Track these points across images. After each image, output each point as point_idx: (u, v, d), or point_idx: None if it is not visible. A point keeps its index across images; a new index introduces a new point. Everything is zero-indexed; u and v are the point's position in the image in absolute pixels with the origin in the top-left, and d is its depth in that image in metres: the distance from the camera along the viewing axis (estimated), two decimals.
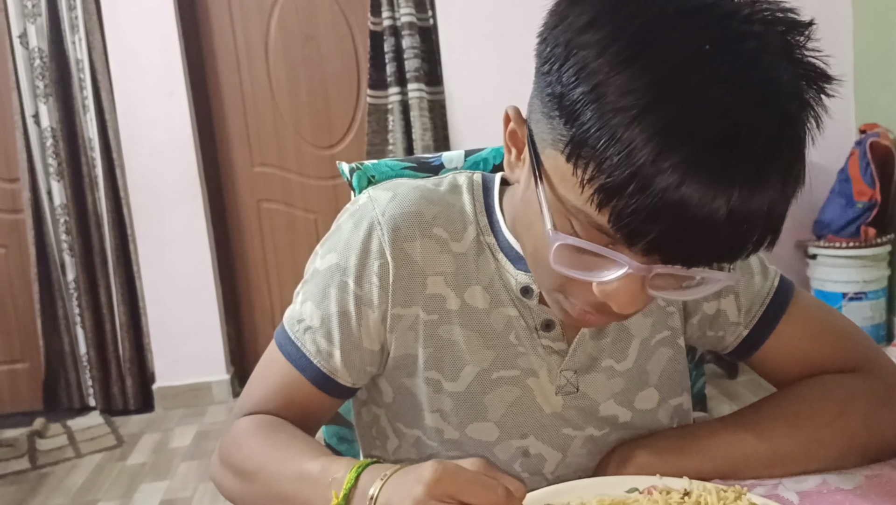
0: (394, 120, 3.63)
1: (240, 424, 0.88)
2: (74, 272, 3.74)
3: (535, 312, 0.86)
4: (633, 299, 0.67)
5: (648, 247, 0.63)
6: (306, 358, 0.86)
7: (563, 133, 0.63)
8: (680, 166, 0.58)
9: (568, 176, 0.64)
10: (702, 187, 0.59)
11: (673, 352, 0.92)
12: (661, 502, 0.67)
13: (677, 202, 0.59)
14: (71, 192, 3.69)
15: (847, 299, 3.42)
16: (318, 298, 0.87)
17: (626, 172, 0.59)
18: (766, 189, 0.62)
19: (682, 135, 0.59)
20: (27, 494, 3.00)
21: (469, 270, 0.86)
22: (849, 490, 0.76)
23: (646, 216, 0.60)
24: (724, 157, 0.59)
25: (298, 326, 0.88)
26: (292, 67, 3.86)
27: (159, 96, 3.67)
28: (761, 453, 0.81)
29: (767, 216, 0.63)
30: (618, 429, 0.90)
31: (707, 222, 0.60)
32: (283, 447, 0.82)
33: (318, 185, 3.91)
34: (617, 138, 0.59)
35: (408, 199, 0.86)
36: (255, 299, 4.02)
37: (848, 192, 3.50)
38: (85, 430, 3.61)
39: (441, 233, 0.86)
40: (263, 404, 0.89)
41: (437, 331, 0.86)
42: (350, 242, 0.86)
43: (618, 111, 0.59)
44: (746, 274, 0.91)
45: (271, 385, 0.89)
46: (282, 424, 0.86)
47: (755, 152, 0.61)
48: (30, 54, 3.61)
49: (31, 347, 3.88)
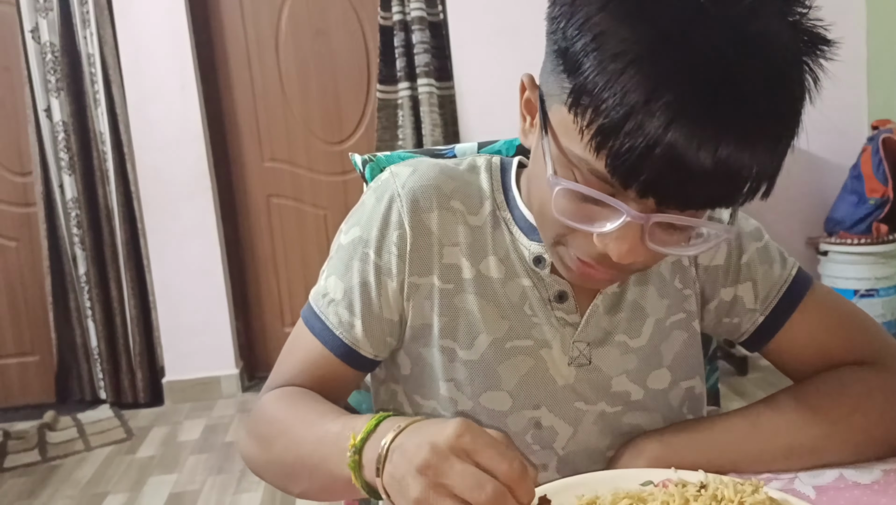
0: (403, 115, 3.63)
1: (266, 398, 0.89)
2: (86, 266, 3.75)
3: (548, 284, 0.87)
4: (632, 249, 0.69)
5: (642, 189, 0.65)
6: (329, 330, 0.88)
7: (566, 85, 0.66)
8: (670, 108, 0.61)
9: (570, 126, 0.67)
10: (690, 131, 0.61)
11: (687, 335, 0.93)
12: (677, 496, 0.67)
13: (668, 144, 0.61)
14: (82, 186, 3.70)
15: (859, 296, 3.41)
16: (342, 271, 0.89)
17: (620, 113, 0.62)
18: (756, 141, 0.64)
19: (675, 79, 0.61)
20: (37, 486, 3.01)
21: (485, 241, 0.88)
22: (866, 485, 0.75)
23: (638, 157, 0.63)
24: (714, 103, 0.62)
25: (323, 300, 0.89)
26: (303, 62, 3.85)
27: (170, 91, 3.68)
28: (777, 447, 0.81)
29: (758, 167, 0.65)
30: (630, 408, 0.90)
31: (696, 167, 0.62)
32: (305, 411, 0.83)
33: (328, 180, 3.91)
34: (613, 82, 0.62)
35: (428, 174, 0.89)
36: (265, 294, 4.02)
37: (860, 189, 3.48)
38: (95, 423, 3.62)
39: (458, 206, 0.89)
40: (290, 379, 0.90)
41: (453, 300, 0.87)
42: (372, 215, 0.88)
43: (615, 57, 0.62)
44: (765, 263, 0.92)
45: (297, 360, 0.91)
46: (305, 393, 0.87)
47: (747, 102, 0.62)
48: (41, 49, 3.61)
49: (42, 339, 3.90)
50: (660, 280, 0.91)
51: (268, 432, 0.86)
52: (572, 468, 0.89)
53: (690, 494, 0.67)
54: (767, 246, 0.93)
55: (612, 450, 0.89)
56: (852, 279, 3.43)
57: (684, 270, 0.92)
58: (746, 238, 0.92)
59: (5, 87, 3.78)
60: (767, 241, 0.93)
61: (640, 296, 0.90)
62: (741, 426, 0.83)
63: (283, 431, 0.83)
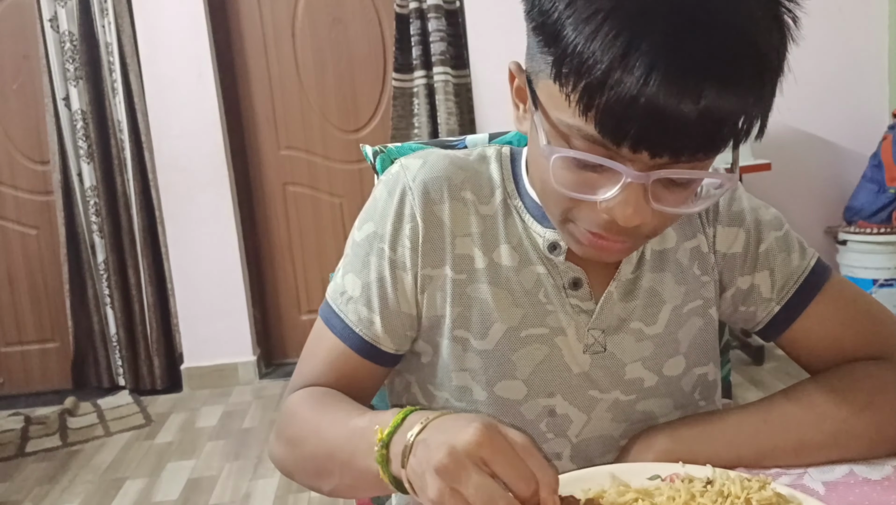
0: (419, 103, 3.62)
1: (291, 399, 0.89)
2: (104, 253, 3.78)
3: (562, 271, 0.87)
4: (636, 211, 0.69)
5: (634, 143, 0.65)
6: (350, 329, 0.88)
7: (549, 57, 0.68)
8: (647, 58, 0.62)
9: (558, 96, 0.68)
10: (669, 81, 0.62)
11: (703, 322, 0.92)
12: (683, 491, 0.67)
13: (650, 95, 0.62)
14: (100, 175, 3.73)
15: (877, 286, 3.38)
16: (358, 267, 0.89)
17: (601, 69, 0.63)
18: (738, 84, 0.64)
19: (649, 28, 0.62)
20: (57, 470, 3.05)
21: (497, 230, 0.88)
22: (876, 481, 0.75)
23: (624, 111, 0.64)
24: (690, 51, 0.62)
25: (341, 298, 0.89)
26: (319, 51, 3.86)
27: (187, 79, 3.69)
28: (787, 443, 0.80)
29: (745, 109, 0.66)
30: (643, 395, 0.90)
31: (682, 116, 0.63)
32: (333, 410, 0.83)
33: (344, 168, 3.91)
34: (591, 41, 0.63)
35: (438, 165, 0.89)
36: (281, 281, 4.04)
37: (880, 178, 3.45)
38: (114, 409, 3.66)
39: (469, 196, 0.89)
40: (314, 379, 0.90)
41: (466, 290, 0.87)
42: (385, 210, 0.88)
43: (589, 18, 0.64)
44: (784, 251, 0.91)
45: (320, 360, 0.90)
46: (331, 392, 0.87)
47: (723, 47, 0.63)
48: (60, 38, 3.63)
49: (61, 326, 3.94)
50: (677, 267, 0.90)
51: (296, 433, 0.86)
52: (585, 455, 0.89)
53: (696, 489, 0.67)
54: (787, 235, 0.92)
55: (625, 438, 0.89)
56: (871, 269, 3.40)
57: (703, 256, 0.91)
58: (766, 227, 0.91)
59: (24, 75, 3.81)
60: (787, 230, 0.93)
61: (657, 282, 0.90)
62: (751, 421, 0.83)
63: (311, 431, 0.83)
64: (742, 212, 0.92)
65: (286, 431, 0.89)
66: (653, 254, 0.90)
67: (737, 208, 0.92)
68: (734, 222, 0.91)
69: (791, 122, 3.66)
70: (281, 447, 0.89)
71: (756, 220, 0.91)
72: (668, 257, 0.90)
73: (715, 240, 0.92)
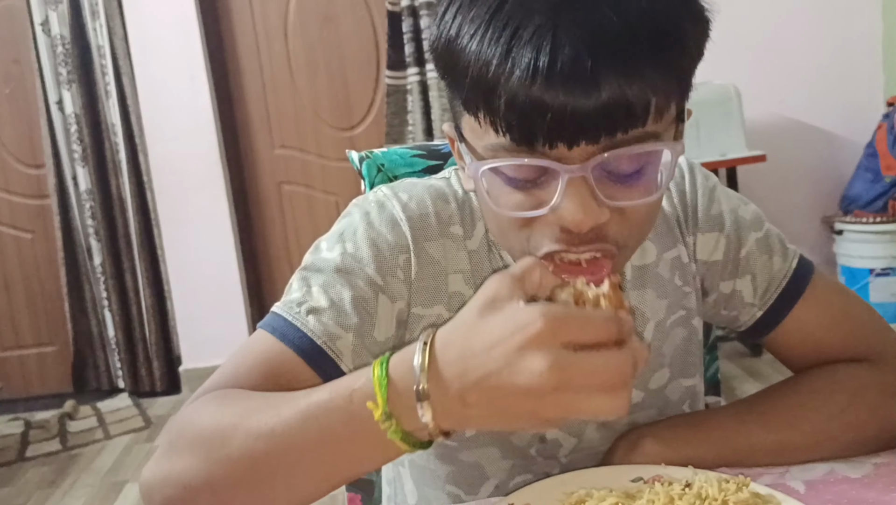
0: (413, 101, 3.62)
1: (195, 403, 0.72)
2: (101, 256, 3.79)
3: None
4: (587, 211, 0.65)
5: (547, 137, 0.64)
6: (307, 337, 0.77)
7: (458, 90, 0.69)
8: (529, 50, 0.61)
9: (474, 126, 0.69)
10: (560, 73, 0.61)
11: (687, 332, 0.92)
12: (662, 494, 0.67)
13: (543, 91, 0.61)
14: (95, 178, 3.73)
15: (874, 275, 3.38)
16: (327, 283, 0.81)
17: (492, 73, 0.63)
18: (640, 72, 0.62)
19: (529, 17, 0.61)
20: (58, 474, 3.06)
21: (483, 267, 0.86)
22: (856, 479, 0.75)
23: (526, 108, 0.62)
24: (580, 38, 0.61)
25: (299, 308, 0.79)
26: (311, 49, 3.85)
27: (180, 80, 3.69)
28: (768, 444, 0.81)
29: (656, 92, 0.64)
30: (631, 411, 0.89)
31: (580, 109, 0.62)
32: (267, 397, 0.68)
33: (338, 166, 3.91)
34: (478, 50, 0.63)
35: (425, 200, 0.86)
36: (278, 281, 4.04)
37: (875, 167, 3.45)
38: (114, 411, 3.67)
39: (457, 230, 0.86)
40: (235, 380, 0.75)
41: None
42: (368, 234, 0.83)
43: (473, 34, 0.64)
44: (765, 254, 0.90)
45: (249, 362, 0.77)
46: (256, 392, 0.72)
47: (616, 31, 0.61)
48: (52, 41, 3.64)
49: (59, 330, 3.95)
50: (657, 281, 0.90)
51: (212, 433, 0.66)
52: None
53: (675, 492, 0.67)
54: (768, 235, 0.91)
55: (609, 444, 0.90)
56: (868, 258, 3.40)
57: (684, 266, 0.91)
58: (746, 229, 0.91)
59: (17, 80, 3.81)
60: (768, 230, 0.92)
61: (639, 301, 0.89)
62: (732, 422, 0.83)
63: (238, 423, 0.65)
64: (721, 214, 0.91)
65: (188, 434, 0.69)
66: (633, 271, 0.89)
67: (715, 211, 0.91)
68: (714, 227, 0.91)
69: (785, 112, 3.66)
70: (175, 460, 0.68)
71: (736, 223, 0.91)
72: (648, 272, 0.90)
73: (695, 248, 0.91)
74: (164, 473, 0.68)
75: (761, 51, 3.55)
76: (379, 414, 0.57)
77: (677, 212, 0.91)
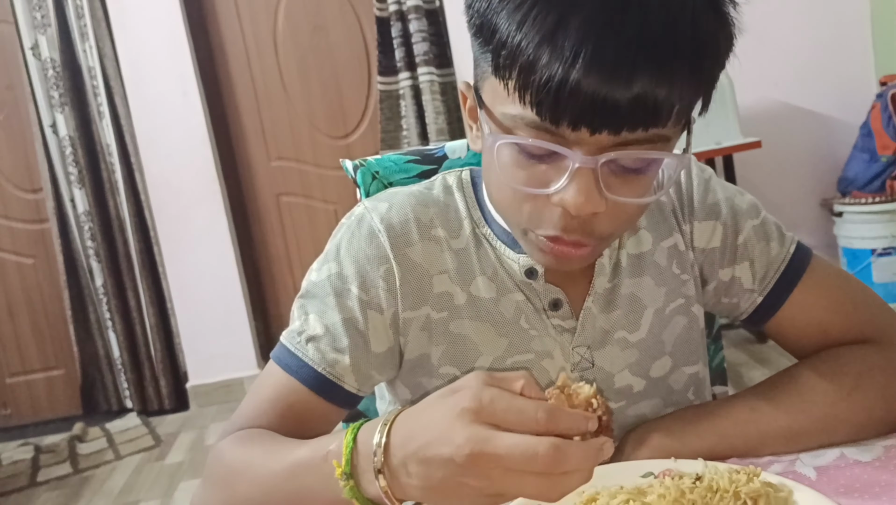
0: (406, 105, 3.62)
1: (224, 442, 0.82)
2: (102, 277, 3.79)
3: (541, 294, 0.87)
4: (589, 198, 0.69)
5: (573, 121, 0.66)
6: (308, 367, 0.83)
7: (488, 55, 0.70)
8: (574, 38, 0.63)
9: (499, 90, 0.70)
10: (599, 64, 0.63)
11: (687, 320, 0.92)
12: (673, 488, 0.67)
13: (581, 78, 0.63)
14: (93, 199, 3.74)
15: (876, 256, 3.37)
16: (320, 308, 0.85)
17: (533, 48, 0.65)
18: (672, 72, 0.65)
19: (577, 7, 0.63)
20: (70, 498, 3.05)
21: (471, 263, 0.87)
22: (867, 462, 0.75)
23: (558, 87, 0.64)
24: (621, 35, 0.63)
25: (299, 337, 0.85)
26: (302, 59, 3.86)
27: (173, 97, 3.69)
28: (777, 431, 0.81)
29: (681, 98, 0.67)
30: (634, 401, 0.90)
31: (612, 100, 0.64)
32: (269, 445, 0.77)
33: (336, 175, 3.91)
34: (523, 24, 0.65)
35: (404, 207, 0.88)
36: (281, 293, 4.05)
37: (871, 147, 3.45)
38: (123, 431, 3.67)
39: (440, 233, 0.88)
40: (254, 419, 0.83)
41: (449, 327, 0.87)
42: (350, 251, 0.86)
43: (521, 4, 0.65)
44: (762, 240, 0.91)
45: (264, 398, 0.84)
46: (269, 432, 0.81)
47: (658, 33, 0.64)
48: (43, 65, 3.64)
49: (65, 353, 3.95)
50: (655, 269, 0.90)
51: (227, 474, 0.78)
52: None
53: (686, 485, 0.67)
54: (765, 222, 0.92)
55: (618, 442, 0.90)
56: (868, 239, 3.40)
57: (681, 254, 0.91)
58: (743, 216, 0.91)
59: (10, 105, 3.81)
60: (764, 217, 0.92)
61: (637, 288, 0.90)
62: (741, 412, 0.83)
63: (245, 469, 0.76)
64: (717, 203, 0.91)
65: (214, 472, 0.81)
66: (629, 259, 0.90)
67: (711, 200, 0.91)
68: (710, 216, 0.91)
69: (778, 96, 3.66)
70: (208, 493, 0.80)
71: (732, 211, 0.91)
72: (645, 260, 0.90)
73: (692, 236, 0.91)
74: (198, 502, 0.81)
75: (751, 36, 3.52)
76: (339, 473, 0.64)
77: (673, 201, 0.92)
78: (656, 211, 0.92)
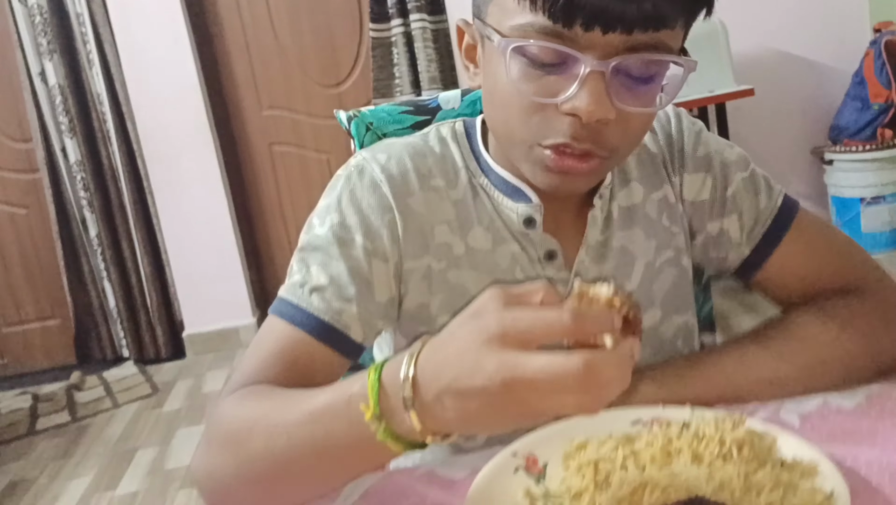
0: (398, 53, 3.58)
1: (227, 400, 0.77)
2: (96, 228, 3.79)
3: (537, 244, 0.88)
4: (599, 103, 0.71)
5: (586, 20, 0.68)
6: (315, 316, 0.82)
7: None
8: None
9: (508, 5, 0.72)
10: None
11: (677, 272, 0.94)
12: (661, 436, 0.69)
13: None
14: (85, 149, 3.71)
15: (865, 204, 3.40)
16: (323, 260, 0.85)
17: None
18: None
19: None
20: (69, 445, 3.10)
21: (468, 213, 0.88)
22: (849, 410, 0.77)
23: None
24: None
25: (302, 289, 0.84)
26: (293, 5, 3.80)
27: (163, 45, 3.65)
28: (763, 378, 0.83)
29: (689, 5, 0.71)
30: None
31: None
32: (281, 396, 0.74)
33: (328, 124, 3.89)
34: None
35: (403, 157, 0.89)
36: (274, 242, 4.06)
37: (863, 95, 3.44)
38: (120, 380, 3.71)
39: (439, 183, 0.89)
40: (258, 375, 0.80)
41: (447, 276, 0.88)
42: (352, 201, 0.87)
43: None
44: (751, 192, 0.92)
45: (268, 352, 0.82)
46: (275, 387, 0.77)
47: None
48: (29, 11, 3.58)
49: (60, 303, 3.96)
50: (646, 221, 0.92)
51: (237, 431, 0.73)
52: None
53: (674, 433, 0.69)
54: (753, 175, 0.93)
55: None
56: (858, 187, 3.41)
57: (671, 206, 0.93)
58: (732, 169, 0.92)
59: None
60: (753, 170, 0.94)
61: (627, 240, 0.91)
62: (727, 360, 0.85)
63: (258, 424, 0.71)
64: (707, 155, 0.93)
65: (220, 432, 0.76)
66: (620, 211, 0.91)
67: (702, 153, 0.93)
68: (700, 168, 0.92)
69: (771, 43, 3.63)
70: (213, 455, 0.75)
71: (722, 164, 0.92)
72: (636, 212, 0.92)
73: (682, 188, 0.93)
74: (206, 469, 0.75)
75: None
76: (370, 415, 0.61)
77: (663, 153, 0.93)
78: (647, 162, 0.93)
